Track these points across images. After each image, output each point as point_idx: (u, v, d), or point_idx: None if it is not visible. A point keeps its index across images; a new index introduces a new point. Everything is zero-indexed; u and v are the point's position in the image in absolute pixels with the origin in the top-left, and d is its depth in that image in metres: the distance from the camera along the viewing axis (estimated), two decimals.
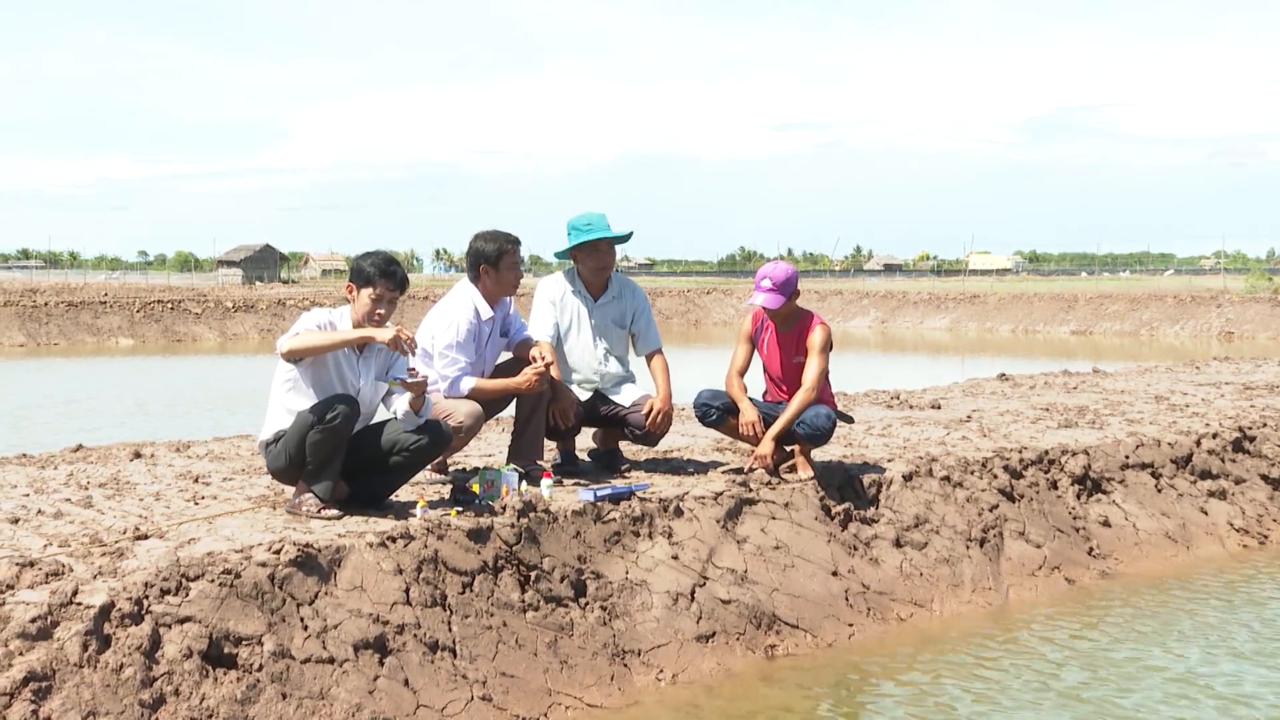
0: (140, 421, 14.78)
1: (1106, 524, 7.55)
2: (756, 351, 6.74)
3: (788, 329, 6.62)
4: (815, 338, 6.52)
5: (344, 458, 5.36)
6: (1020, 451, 7.75)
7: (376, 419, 5.62)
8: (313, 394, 5.32)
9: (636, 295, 6.81)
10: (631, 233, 6.71)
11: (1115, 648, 5.83)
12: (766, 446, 6.41)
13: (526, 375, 6.10)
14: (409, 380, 5.29)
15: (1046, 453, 7.82)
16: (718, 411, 6.56)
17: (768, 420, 6.54)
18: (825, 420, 6.41)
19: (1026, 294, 47.05)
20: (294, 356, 5.24)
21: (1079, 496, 7.63)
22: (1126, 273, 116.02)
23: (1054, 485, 7.61)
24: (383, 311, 5.44)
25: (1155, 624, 6.22)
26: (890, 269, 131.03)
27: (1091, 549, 7.27)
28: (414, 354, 5.30)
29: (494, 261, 6.24)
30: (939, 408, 10.28)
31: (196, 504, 5.77)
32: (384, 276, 5.43)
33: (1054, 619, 6.30)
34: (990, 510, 7.05)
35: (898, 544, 6.55)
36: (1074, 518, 7.46)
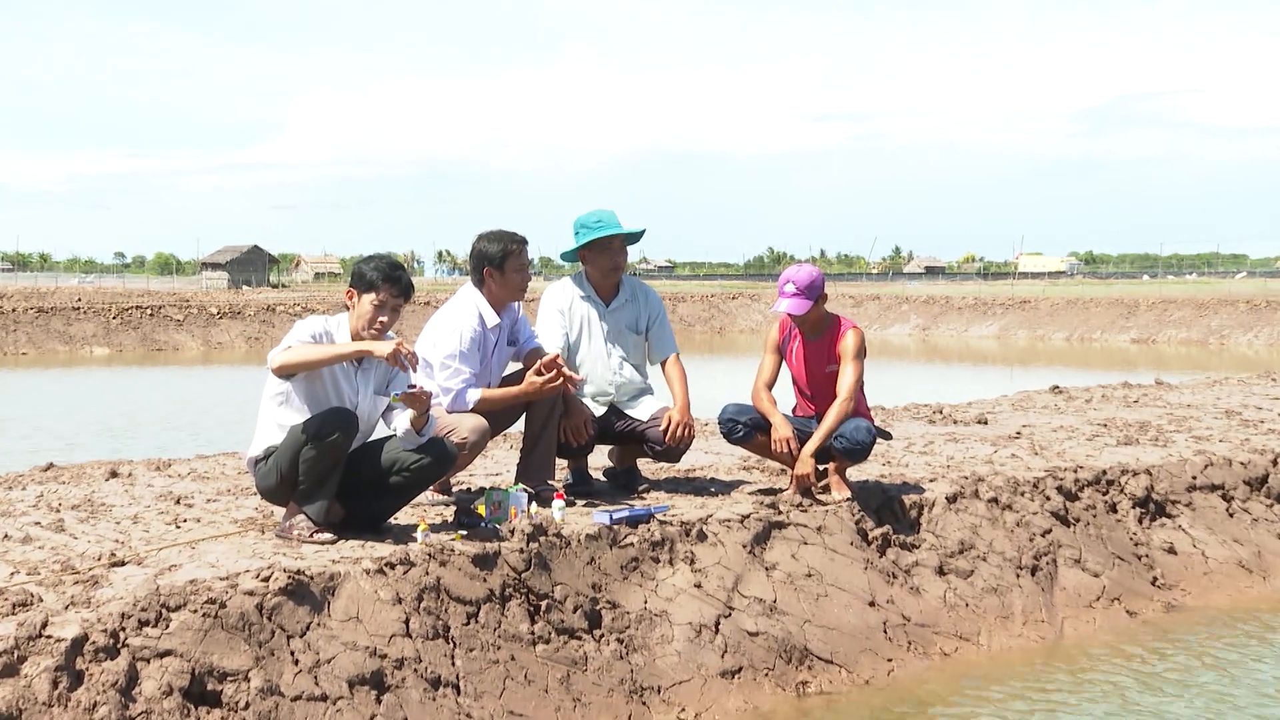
0: (116, 438, 14.86)
1: (1172, 551, 7.51)
2: (785, 362, 6.74)
3: (816, 336, 6.62)
4: (848, 343, 6.52)
5: (340, 477, 5.38)
6: (1075, 471, 7.72)
7: (375, 436, 5.63)
8: (306, 409, 5.34)
9: (650, 298, 6.82)
10: (644, 230, 6.72)
11: (1184, 691, 5.78)
12: (806, 464, 6.38)
13: (534, 382, 6.07)
14: (411, 393, 5.29)
15: (1104, 473, 7.78)
16: (745, 427, 6.55)
17: (800, 437, 6.52)
18: (865, 434, 6.41)
19: (1082, 299, 46.91)
20: (285, 373, 5.25)
21: (1141, 521, 7.60)
22: (1193, 275, 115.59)
23: (1113, 508, 7.57)
24: (385, 320, 5.45)
25: (1229, 663, 6.17)
26: (932, 272, 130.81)
27: (1155, 579, 7.23)
28: (414, 370, 5.31)
29: (498, 263, 6.25)
30: (986, 423, 10.25)
31: (178, 527, 5.80)
32: (388, 281, 5.45)
33: (1114, 655, 6.26)
34: (1043, 535, 7.02)
35: (941, 572, 6.52)
36: (1135, 544, 7.42)
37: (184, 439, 14.39)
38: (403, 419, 5.45)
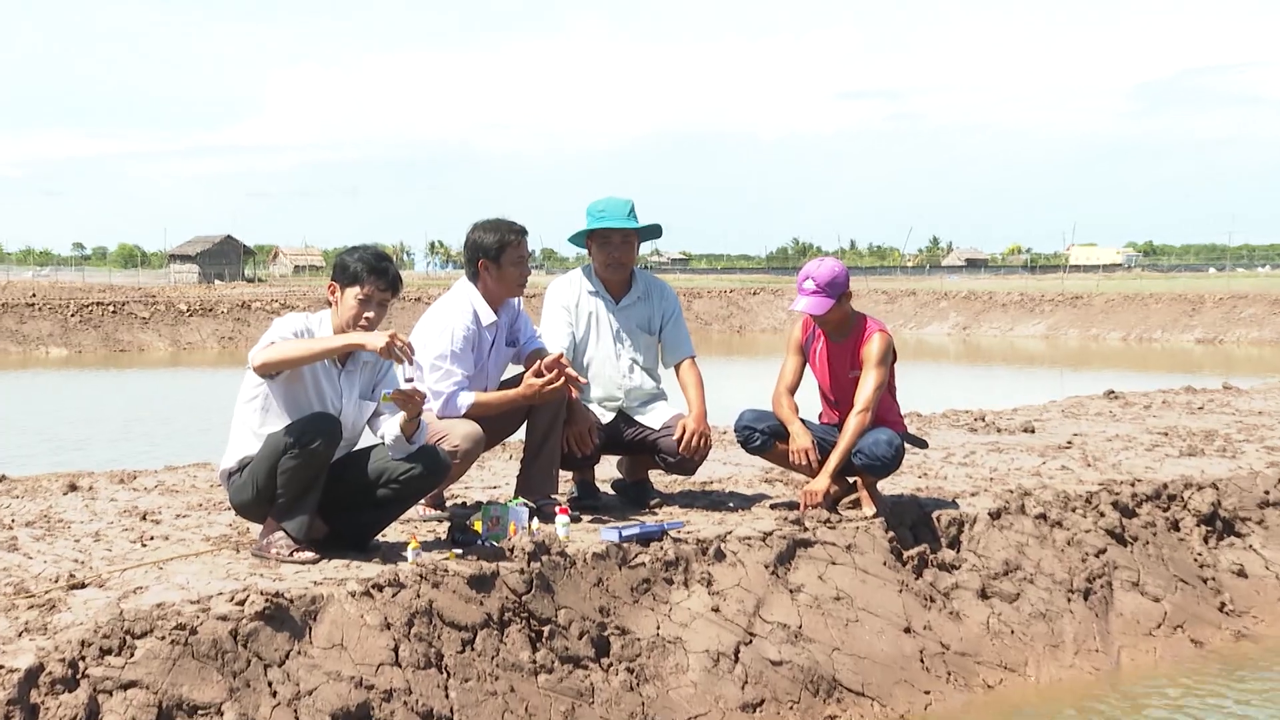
0: (76, 447, 14.89)
1: (1242, 574, 7.49)
2: (808, 364, 6.74)
3: (841, 338, 6.62)
4: (872, 348, 6.50)
5: (322, 490, 5.39)
6: (1133, 485, 7.71)
7: (361, 444, 5.64)
8: (285, 415, 5.35)
9: (665, 296, 6.83)
10: (655, 226, 6.71)
11: None
12: (821, 482, 6.41)
13: (534, 385, 6.08)
14: (404, 390, 5.28)
15: (1165, 486, 7.77)
16: (762, 436, 6.56)
17: (823, 447, 6.53)
18: (886, 448, 6.40)
19: (1140, 294, 46.79)
20: (269, 370, 5.27)
21: (1207, 540, 7.58)
22: (1266, 268, 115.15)
23: (1175, 526, 7.56)
24: (371, 315, 5.46)
25: None
26: (974, 265, 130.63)
27: (1223, 604, 7.21)
28: (410, 363, 5.31)
29: (494, 256, 6.27)
30: (1033, 431, 10.24)
31: (144, 546, 5.82)
32: (373, 274, 5.46)
33: (1177, 689, 6.25)
34: (1096, 555, 7.01)
35: (983, 595, 6.52)
36: (1201, 566, 7.40)
37: (150, 449, 14.42)
38: (391, 425, 5.45)
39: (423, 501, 6.36)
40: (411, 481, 5.47)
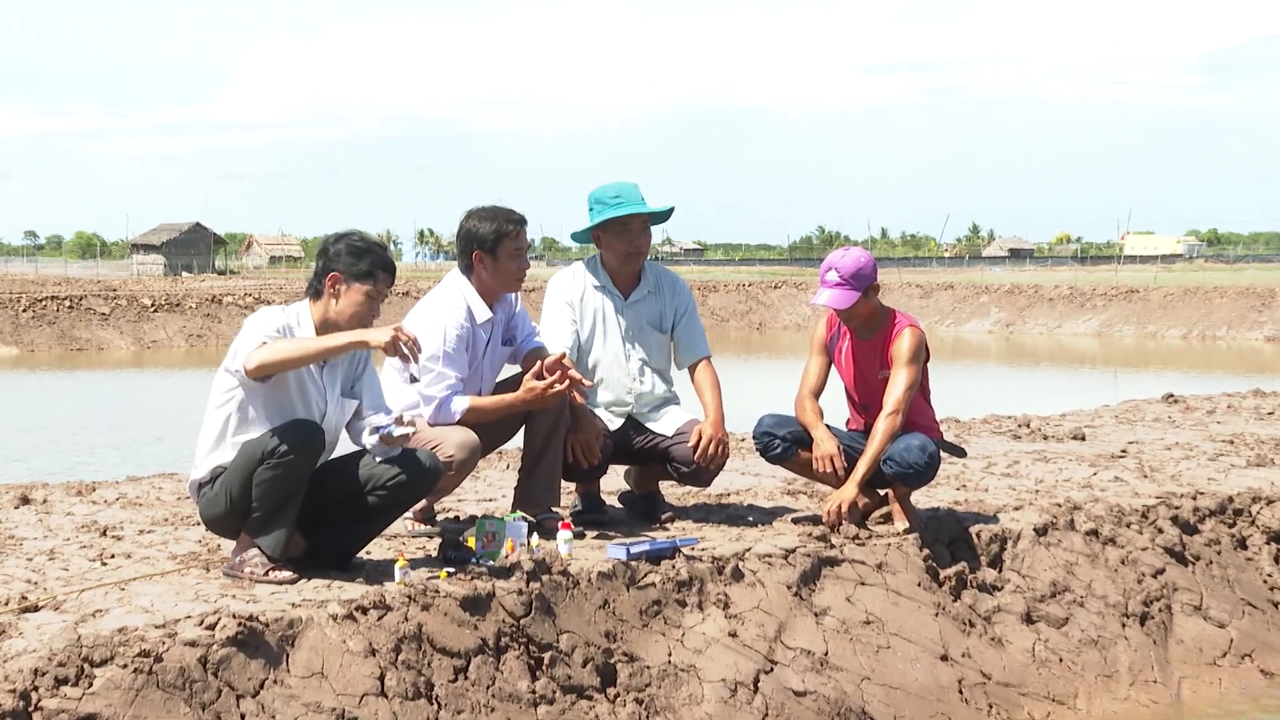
0: (29, 456, 14.92)
1: None
2: (834, 364, 6.74)
3: (868, 335, 6.62)
4: (901, 346, 6.50)
5: (302, 502, 5.40)
6: (1195, 498, 7.70)
7: (339, 451, 5.65)
8: (264, 420, 5.36)
9: (678, 290, 6.83)
10: (671, 209, 6.73)
11: None
12: (848, 491, 6.39)
13: (533, 387, 6.10)
14: (397, 436, 5.37)
15: (1231, 500, 7.76)
16: (784, 443, 6.56)
17: (850, 455, 6.52)
18: (920, 454, 6.39)
19: (1204, 288, 46.66)
20: (264, 373, 5.24)
21: (1277, 560, 7.57)
22: None
23: (1242, 544, 7.55)
24: (375, 315, 5.55)
25: None
26: (1018, 255, 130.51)
27: None
28: (416, 360, 5.35)
29: (490, 246, 6.28)
30: (1083, 439, 10.23)
31: (104, 564, 5.83)
32: (386, 272, 5.54)
33: None
34: (1154, 576, 7.01)
35: (1028, 619, 6.52)
36: (1270, 588, 7.39)
37: (111, 458, 14.45)
38: (372, 425, 5.50)
39: (411, 516, 6.37)
40: (399, 488, 5.48)
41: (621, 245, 6.62)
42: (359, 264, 5.50)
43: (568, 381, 6.09)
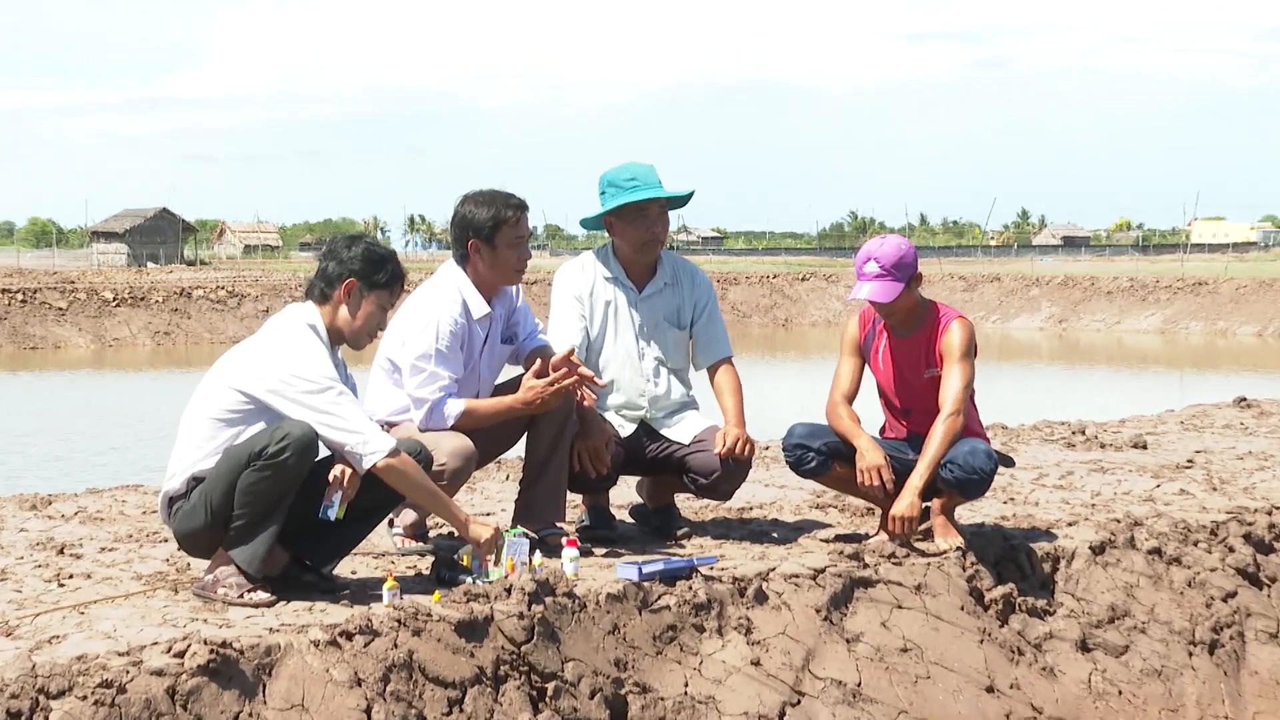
0: None
1: None
2: (868, 366, 6.73)
3: (909, 332, 6.61)
4: (952, 339, 6.50)
5: (285, 516, 5.41)
6: (1270, 514, 7.69)
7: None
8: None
9: (698, 282, 6.83)
10: (691, 193, 6.74)
11: None
12: (910, 504, 6.33)
13: (535, 387, 6.11)
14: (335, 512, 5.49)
15: None
16: (819, 455, 6.55)
17: (893, 467, 6.50)
18: (985, 459, 6.39)
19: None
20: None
21: None
22: None
23: None
24: (383, 327, 5.73)
25: None
26: (1072, 244, 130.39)
27: None
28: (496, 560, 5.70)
29: (488, 235, 6.28)
30: (1144, 447, 10.22)
31: (61, 585, 5.84)
32: (401, 283, 5.70)
33: None
34: (1225, 600, 7.00)
35: (1084, 647, 6.51)
36: None
37: (69, 468, 14.48)
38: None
39: (402, 532, 6.38)
40: (386, 485, 5.50)
41: (636, 233, 6.61)
42: (378, 274, 5.60)
43: (574, 380, 6.10)
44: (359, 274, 5.58)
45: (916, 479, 6.34)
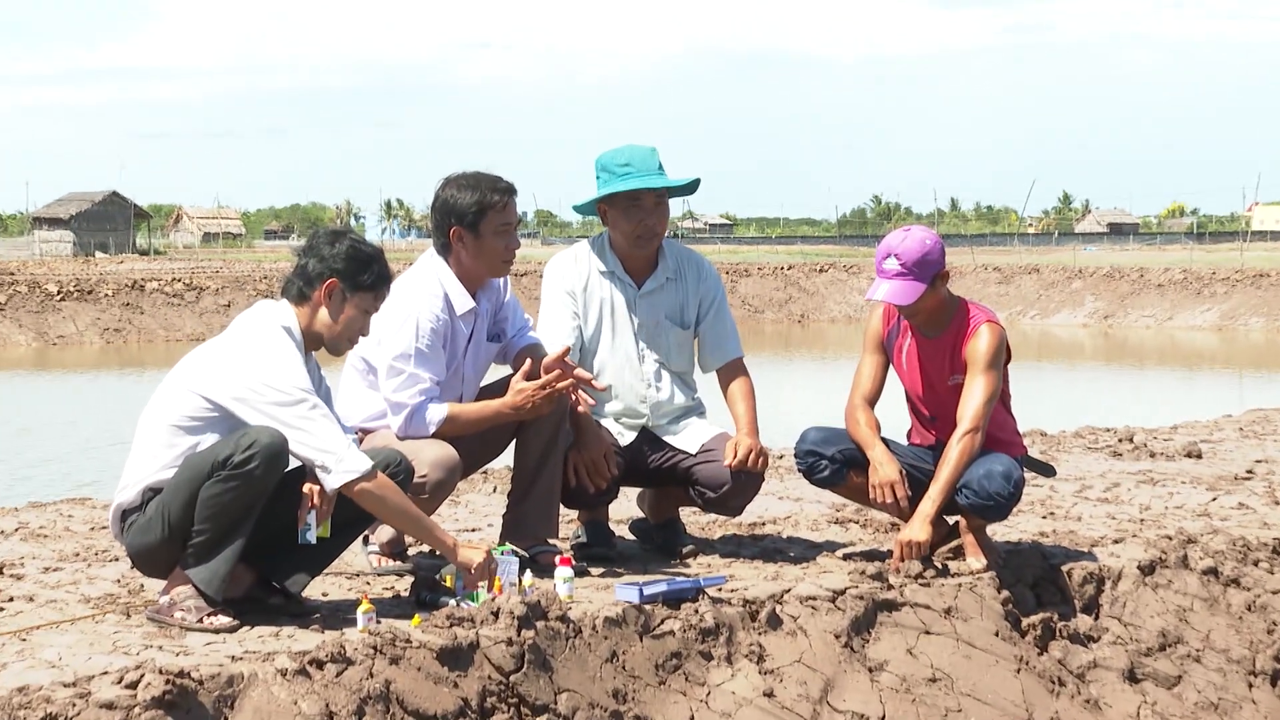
0: None
1: None
2: (892, 366, 6.73)
3: (936, 332, 6.61)
4: (979, 346, 6.48)
5: (250, 532, 5.42)
6: None
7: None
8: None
9: (704, 276, 6.83)
10: (695, 181, 6.73)
11: None
12: (919, 531, 6.36)
13: (524, 390, 6.12)
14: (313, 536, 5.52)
15: None
16: (832, 464, 6.56)
17: (915, 478, 6.52)
18: (1003, 482, 6.37)
19: None
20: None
21: None
22: None
23: None
24: (365, 333, 5.75)
25: None
26: (1119, 232, 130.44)
27: None
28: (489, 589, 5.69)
29: (471, 222, 6.28)
30: (1199, 456, 10.22)
31: (1, 609, 5.85)
32: (388, 285, 5.76)
33: None
34: None
35: (1132, 678, 6.52)
36: None
37: (7, 480, 14.48)
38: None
39: (378, 549, 6.39)
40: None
41: (629, 225, 6.59)
42: (363, 274, 5.60)
43: (569, 381, 6.10)
44: (342, 274, 5.58)
45: (928, 505, 6.35)
